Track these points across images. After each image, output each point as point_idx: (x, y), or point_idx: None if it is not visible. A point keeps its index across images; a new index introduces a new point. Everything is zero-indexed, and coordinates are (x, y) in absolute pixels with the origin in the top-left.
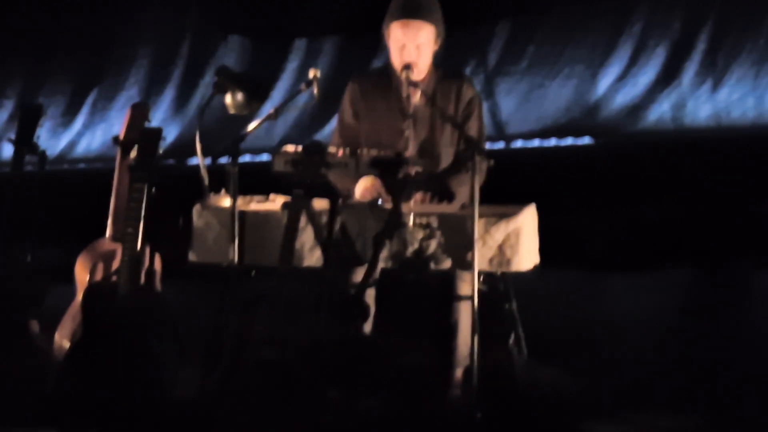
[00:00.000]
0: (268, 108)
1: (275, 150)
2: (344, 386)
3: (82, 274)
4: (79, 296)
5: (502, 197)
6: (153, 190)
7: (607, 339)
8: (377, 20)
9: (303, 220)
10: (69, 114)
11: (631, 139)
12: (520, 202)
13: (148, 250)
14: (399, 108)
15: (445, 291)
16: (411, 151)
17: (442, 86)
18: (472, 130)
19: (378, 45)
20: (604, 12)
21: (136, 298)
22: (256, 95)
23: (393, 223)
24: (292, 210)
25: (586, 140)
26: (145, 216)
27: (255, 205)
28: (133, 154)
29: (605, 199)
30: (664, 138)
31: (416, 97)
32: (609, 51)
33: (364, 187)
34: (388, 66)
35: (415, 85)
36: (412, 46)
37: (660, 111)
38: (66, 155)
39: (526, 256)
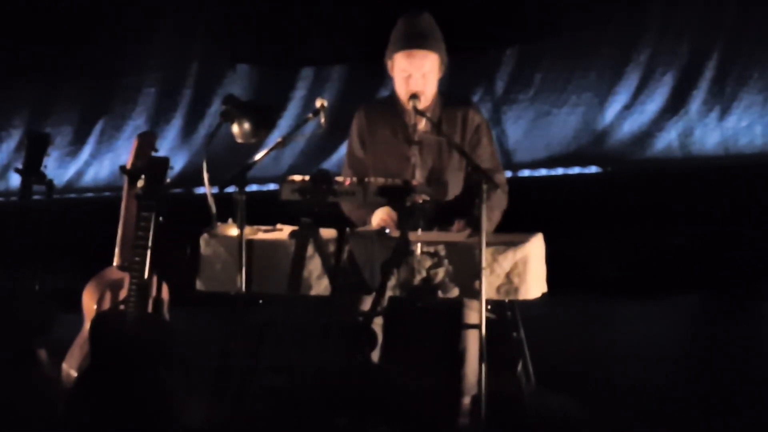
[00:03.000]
0: (275, 137)
1: (282, 179)
2: (352, 414)
3: (89, 303)
4: (87, 325)
5: (509, 225)
6: (160, 219)
7: (615, 366)
8: (384, 49)
9: (310, 248)
10: (76, 143)
11: (638, 167)
12: (528, 231)
13: (155, 279)
14: (405, 136)
15: (453, 319)
16: (418, 178)
17: (447, 113)
18: (485, 156)
19: (385, 73)
20: (612, 40)
21: (143, 326)
22: (264, 124)
23: (401, 251)
24: (300, 238)
25: (593, 169)
26: (152, 245)
27: (262, 234)
28: (141, 183)
29: (613, 228)
30: (671, 166)
31: (422, 125)
32: (616, 79)
33: (380, 218)
34: (393, 95)
35: (422, 114)
36: (418, 75)
37: (668, 139)
38: (73, 184)
39: (534, 285)
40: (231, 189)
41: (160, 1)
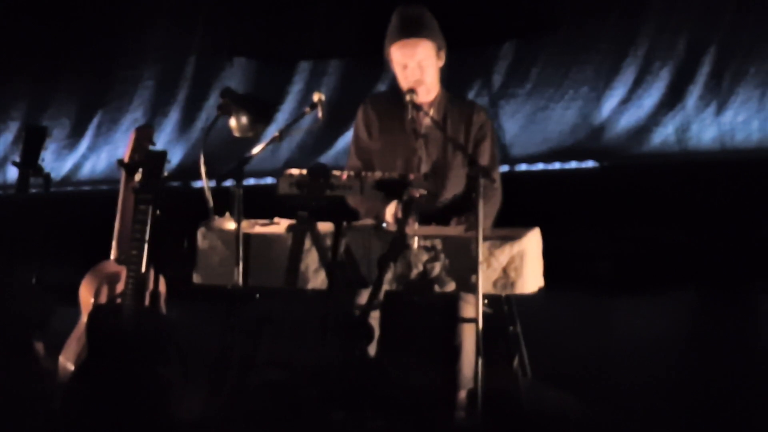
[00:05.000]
0: (272, 130)
1: (280, 172)
2: (349, 408)
3: (86, 296)
4: (84, 318)
5: (506, 220)
6: (157, 212)
7: (611, 361)
8: (381, 43)
9: (308, 242)
10: (74, 136)
11: (635, 162)
12: (525, 225)
13: (152, 272)
14: (412, 128)
15: (450, 313)
16: (423, 171)
17: (452, 109)
18: (485, 154)
19: (382, 67)
20: (609, 34)
21: (140, 320)
22: (261, 118)
23: (398, 245)
24: (297, 232)
25: (590, 163)
26: (149, 238)
27: (259, 228)
28: (138, 176)
29: (610, 222)
30: (668, 161)
31: (427, 118)
32: (613, 73)
33: (396, 211)
34: (397, 88)
35: (419, 108)
36: (414, 64)
37: (664, 133)
38: (71, 177)
39: (531, 279)
40: (228, 182)
41: None
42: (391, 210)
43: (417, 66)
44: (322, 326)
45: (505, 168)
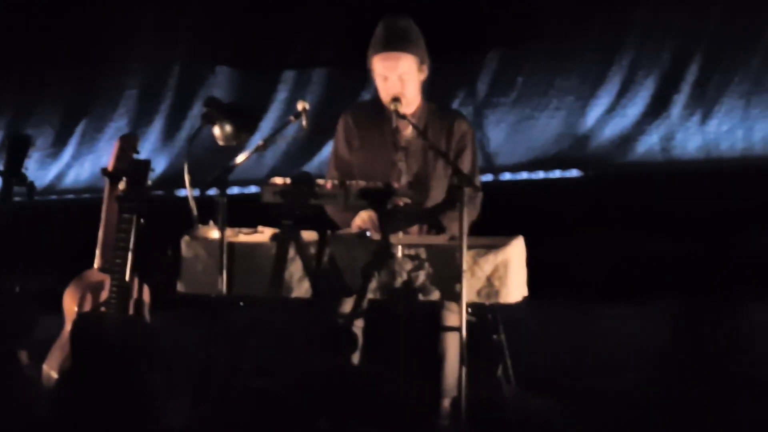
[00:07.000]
0: (256, 139)
1: (264, 181)
2: (333, 416)
3: (70, 305)
4: (68, 327)
5: (490, 229)
6: (141, 221)
7: (595, 370)
8: (366, 52)
9: (292, 250)
10: (57, 145)
11: (619, 171)
12: (509, 234)
13: (136, 281)
14: (392, 140)
15: (434, 322)
16: (403, 183)
17: (433, 120)
18: (465, 163)
19: (366, 76)
20: (594, 43)
21: (124, 328)
22: (245, 126)
23: (382, 254)
24: (281, 241)
25: (574, 172)
26: (133, 247)
27: (243, 236)
28: (122, 185)
29: (594, 231)
30: (652, 170)
31: (408, 130)
32: (598, 82)
33: (361, 219)
34: (377, 99)
35: (403, 117)
36: (395, 77)
37: (649, 143)
38: (54, 186)
39: (515, 288)
40: (212, 191)
41: (142, 3)
42: (357, 220)
43: (398, 79)
44: (306, 335)
45: (489, 177)
